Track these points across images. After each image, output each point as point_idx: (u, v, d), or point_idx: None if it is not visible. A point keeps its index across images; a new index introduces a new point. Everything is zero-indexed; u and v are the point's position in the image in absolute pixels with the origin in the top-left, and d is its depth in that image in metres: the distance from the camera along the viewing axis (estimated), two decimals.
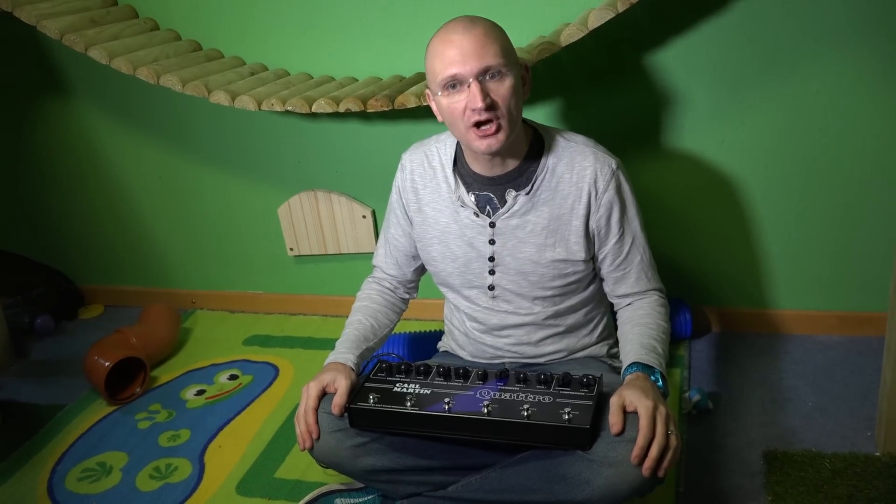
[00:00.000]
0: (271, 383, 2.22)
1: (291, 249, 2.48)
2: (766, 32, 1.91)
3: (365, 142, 2.27)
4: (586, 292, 1.65)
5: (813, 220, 2.07)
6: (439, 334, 1.90)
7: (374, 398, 1.49)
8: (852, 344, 2.13)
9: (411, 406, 1.46)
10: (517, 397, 1.46)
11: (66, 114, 2.47)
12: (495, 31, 1.46)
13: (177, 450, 1.97)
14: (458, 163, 1.62)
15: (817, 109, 1.95)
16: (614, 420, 1.36)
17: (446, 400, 1.46)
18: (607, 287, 1.66)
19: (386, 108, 1.91)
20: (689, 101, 2.01)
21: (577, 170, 1.55)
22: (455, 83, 1.44)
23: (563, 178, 1.55)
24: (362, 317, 1.71)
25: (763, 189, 2.07)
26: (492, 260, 1.61)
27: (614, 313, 1.69)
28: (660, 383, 1.45)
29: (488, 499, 1.50)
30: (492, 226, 1.59)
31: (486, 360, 1.71)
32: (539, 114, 2.09)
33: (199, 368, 2.32)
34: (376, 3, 2.09)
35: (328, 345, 1.73)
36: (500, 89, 1.43)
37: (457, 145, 1.62)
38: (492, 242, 1.60)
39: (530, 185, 1.56)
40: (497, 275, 1.62)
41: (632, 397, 1.36)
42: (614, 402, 1.38)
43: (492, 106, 1.43)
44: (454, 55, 1.42)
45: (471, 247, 1.62)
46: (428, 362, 1.61)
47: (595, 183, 1.54)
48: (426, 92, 1.56)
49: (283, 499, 1.77)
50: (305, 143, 2.32)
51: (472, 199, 1.59)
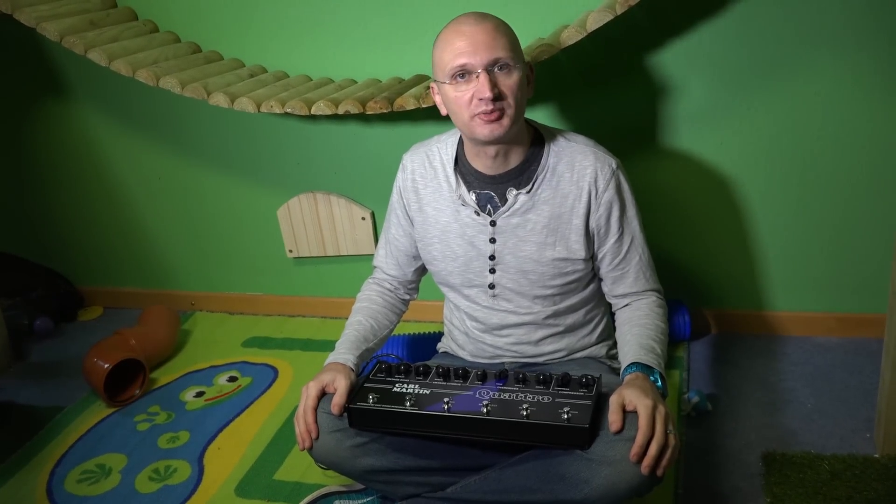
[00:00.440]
0: (270, 385, 2.22)
1: (291, 251, 2.48)
2: (765, 34, 1.91)
3: (364, 144, 2.28)
4: (586, 292, 1.65)
5: (811, 222, 2.08)
6: (439, 336, 1.90)
7: (373, 398, 1.49)
8: (851, 345, 2.13)
9: (411, 406, 1.47)
10: (516, 397, 1.46)
11: (66, 115, 2.47)
12: (504, 27, 1.49)
13: (176, 451, 1.97)
14: (459, 162, 1.62)
15: (815, 111, 1.96)
16: (614, 418, 1.37)
17: (445, 400, 1.46)
18: (605, 287, 1.66)
19: (385, 111, 1.91)
20: (688, 102, 2.02)
21: (578, 169, 1.55)
22: (464, 73, 1.45)
23: (564, 177, 1.56)
24: (362, 318, 1.71)
25: (761, 190, 2.08)
26: (492, 258, 1.61)
27: (613, 314, 1.70)
28: (659, 384, 1.45)
29: (487, 499, 1.51)
30: (492, 224, 1.59)
31: (486, 360, 1.71)
32: (539, 115, 2.09)
33: (198, 370, 2.32)
34: (375, 6, 2.09)
35: (327, 346, 1.73)
36: (508, 81, 1.45)
37: (458, 144, 1.63)
38: (492, 241, 1.60)
39: (531, 184, 1.56)
40: (497, 273, 1.62)
41: (631, 396, 1.37)
42: (614, 401, 1.38)
43: (499, 97, 1.45)
44: (464, 45, 1.44)
45: (471, 245, 1.62)
46: (427, 363, 1.62)
47: (595, 182, 1.55)
48: (431, 84, 1.57)
49: (282, 500, 1.76)
50: (305, 144, 2.33)
51: (473, 198, 1.60)
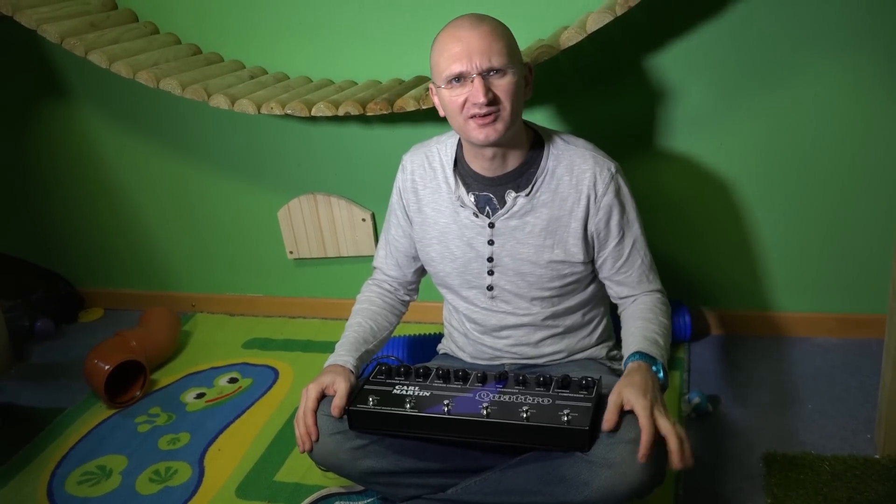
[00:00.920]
0: (271, 386, 2.22)
1: (291, 253, 2.48)
2: (765, 37, 1.91)
3: (364, 145, 2.28)
4: (585, 294, 1.65)
5: (811, 223, 2.07)
6: (439, 337, 1.90)
7: (373, 400, 1.49)
8: (851, 346, 2.12)
9: (411, 408, 1.46)
10: (516, 399, 1.46)
11: (66, 117, 2.47)
12: (501, 30, 1.48)
13: (176, 453, 1.97)
14: (458, 163, 1.62)
15: (814, 113, 1.96)
16: (608, 417, 1.36)
17: (446, 402, 1.46)
18: (610, 290, 1.66)
19: (385, 112, 1.91)
20: (688, 104, 2.01)
21: (577, 172, 1.55)
22: (459, 77, 1.46)
23: (563, 180, 1.56)
24: (362, 319, 1.71)
25: (761, 191, 2.07)
26: (490, 260, 1.61)
27: (615, 315, 1.69)
28: (661, 374, 1.45)
29: (488, 501, 1.51)
30: (491, 226, 1.59)
31: (486, 362, 1.71)
32: (538, 116, 2.09)
33: (198, 372, 2.32)
34: (375, 7, 2.09)
35: (328, 348, 1.73)
36: (503, 85, 1.45)
37: (457, 146, 1.63)
38: (490, 243, 1.60)
39: (530, 187, 1.56)
40: (496, 275, 1.62)
41: (629, 396, 1.36)
42: (612, 401, 1.38)
43: (493, 101, 1.45)
44: (459, 52, 1.45)
45: (470, 247, 1.62)
46: (427, 364, 1.62)
47: (594, 186, 1.55)
48: (429, 85, 1.57)
49: (282, 502, 1.77)
50: (305, 146, 2.33)
51: (472, 200, 1.60)
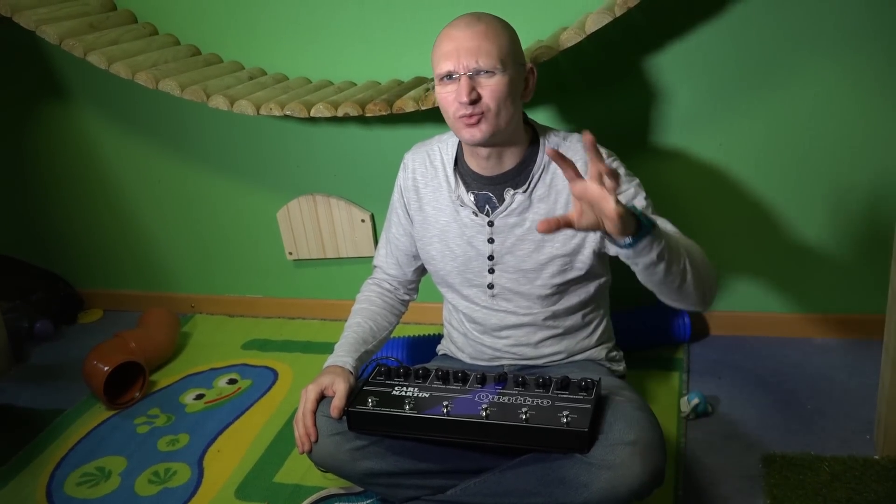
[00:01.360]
0: (270, 387, 2.21)
1: (290, 253, 2.48)
2: (763, 37, 1.91)
3: (363, 146, 2.28)
4: (585, 294, 1.65)
5: (810, 223, 2.07)
6: (438, 338, 1.90)
7: (372, 401, 1.49)
8: (851, 347, 2.12)
9: (410, 409, 1.46)
10: (516, 401, 1.46)
11: (66, 118, 2.47)
12: (497, 30, 1.47)
13: (176, 454, 1.96)
14: (458, 162, 1.63)
15: (813, 112, 1.96)
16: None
17: (445, 403, 1.46)
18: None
19: (384, 113, 1.91)
20: (687, 104, 2.01)
21: None
22: (450, 76, 1.47)
23: (557, 173, 1.55)
24: (361, 319, 1.71)
25: (760, 192, 2.07)
26: (491, 258, 1.62)
27: (615, 316, 1.69)
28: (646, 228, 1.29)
29: (487, 502, 1.51)
30: (490, 224, 1.59)
31: (485, 362, 1.71)
32: (538, 116, 2.08)
33: (198, 373, 2.32)
34: (375, 8, 2.09)
35: (327, 349, 1.73)
36: (490, 86, 1.45)
37: (458, 145, 1.63)
38: (490, 241, 1.60)
39: (527, 184, 1.56)
40: (496, 273, 1.63)
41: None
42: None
43: (478, 101, 1.45)
44: (450, 51, 1.46)
45: (470, 245, 1.62)
46: (426, 365, 1.62)
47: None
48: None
49: (282, 503, 1.76)
50: (304, 147, 2.32)
51: (472, 199, 1.60)
